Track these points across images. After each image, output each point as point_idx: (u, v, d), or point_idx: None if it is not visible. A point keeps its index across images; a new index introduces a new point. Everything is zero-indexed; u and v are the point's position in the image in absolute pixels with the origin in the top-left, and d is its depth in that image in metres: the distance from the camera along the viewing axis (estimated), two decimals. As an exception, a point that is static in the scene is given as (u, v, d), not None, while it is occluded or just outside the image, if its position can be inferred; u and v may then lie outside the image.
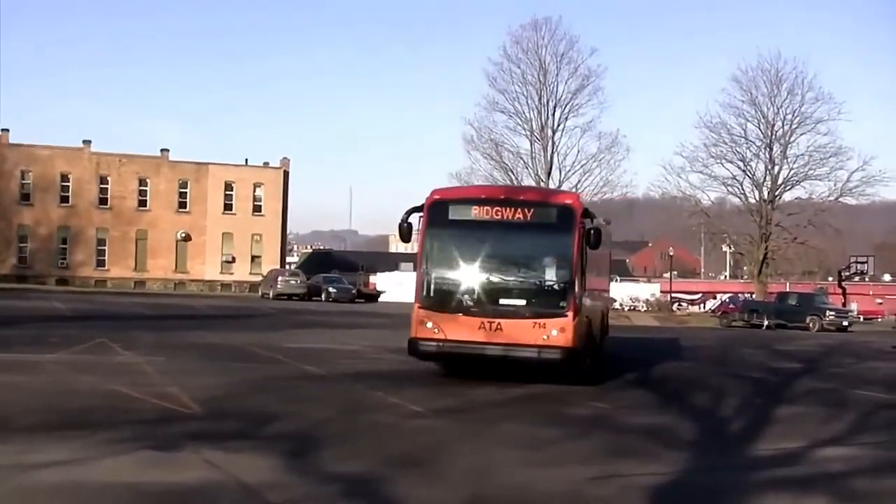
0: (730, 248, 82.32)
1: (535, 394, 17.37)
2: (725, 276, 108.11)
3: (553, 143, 66.03)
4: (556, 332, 17.21)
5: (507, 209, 18.16)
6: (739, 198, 68.35)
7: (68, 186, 75.73)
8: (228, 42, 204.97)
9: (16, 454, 9.98)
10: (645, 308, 68.09)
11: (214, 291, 75.56)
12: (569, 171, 66.21)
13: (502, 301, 17.93)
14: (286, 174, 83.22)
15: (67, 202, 75.66)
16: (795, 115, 64.50)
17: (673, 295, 74.42)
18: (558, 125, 66.20)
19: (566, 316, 17.30)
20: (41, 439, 10.90)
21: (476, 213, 18.35)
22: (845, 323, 53.03)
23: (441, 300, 18.10)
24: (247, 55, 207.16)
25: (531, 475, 10.26)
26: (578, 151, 66.02)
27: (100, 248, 76.48)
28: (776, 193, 65.79)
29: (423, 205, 18.30)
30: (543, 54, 66.11)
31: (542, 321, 17.34)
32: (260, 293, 67.77)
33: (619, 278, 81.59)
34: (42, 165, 74.94)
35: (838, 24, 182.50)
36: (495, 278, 18.21)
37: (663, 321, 57.47)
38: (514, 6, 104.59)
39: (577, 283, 17.64)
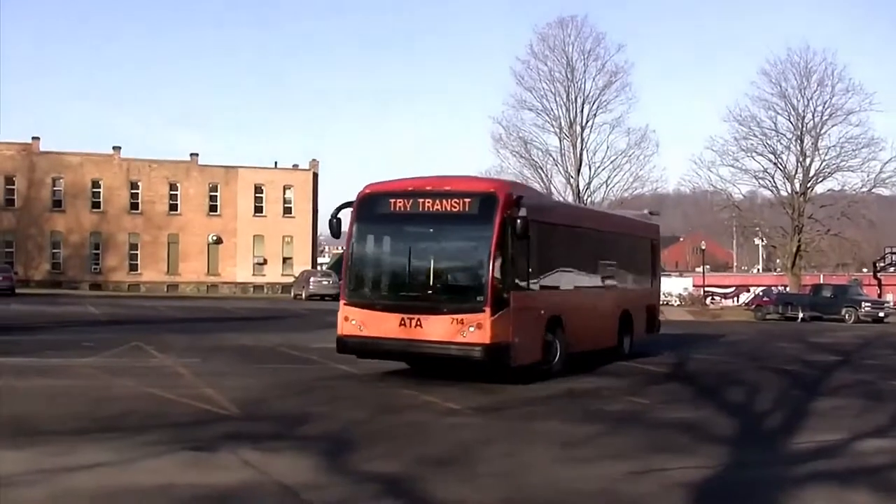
0: (762, 241, 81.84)
1: (571, 390, 17.32)
2: (758, 270, 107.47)
3: (582, 139, 65.83)
4: (474, 328, 16.34)
5: (429, 201, 17.49)
6: (771, 191, 67.88)
7: (99, 192, 76.30)
8: (254, 45, 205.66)
9: (53, 457, 10.01)
10: (678, 302, 67.82)
11: (246, 293, 75.93)
12: (598, 167, 66.00)
13: (422, 297, 17.35)
14: (315, 176, 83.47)
15: (99, 208, 76.22)
16: (826, 106, 63.88)
17: (706, 289, 74.06)
18: (587, 122, 66.00)
19: (483, 311, 16.36)
20: (79, 443, 10.94)
21: (400, 206, 17.76)
22: (881, 314, 52.53)
23: (364, 296, 17.85)
24: (274, 57, 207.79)
25: (567, 472, 10.21)
26: (608, 148, 65.78)
27: (132, 252, 77.01)
28: (808, 185, 65.14)
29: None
30: (570, 51, 66.04)
31: (459, 317, 16.53)
32: (292, 294, 68.05)
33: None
34: (73, 172, 75.51)
35: (868, 16, 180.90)
36: (415, 273, 17.92)
37: (697, 315, 57.20)
38: (540, 4, 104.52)
39: (501, 276, 16.67)
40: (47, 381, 16.50)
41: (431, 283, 17.52)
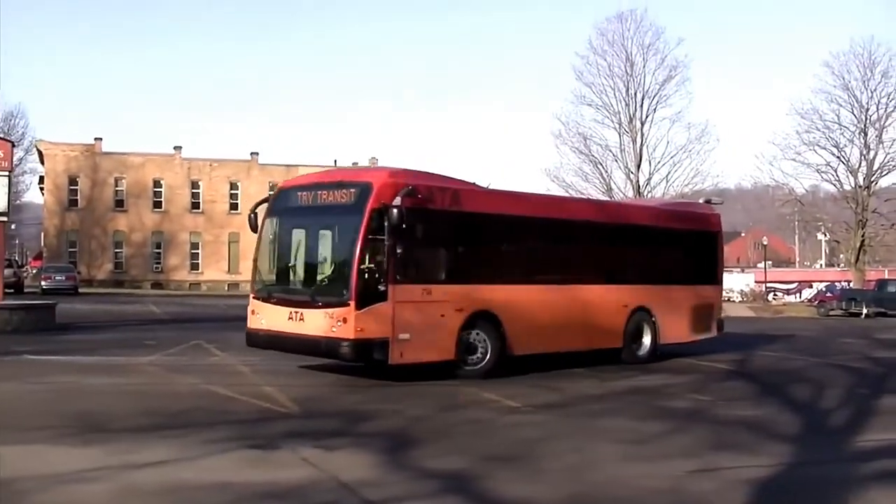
0: (825, 235, 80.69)
1: (635, 387, 17.25)
2: (821, 265, 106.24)
3: (642, 134, 65.42)
4: (341, 323, 15.98)
5: (322, 193, 17.46)
6: (834, 185, 66.87)
7: (161, 192, 77.30)
8: (314, 44, 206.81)
9: (117, 455, 10.10)
10: (740, 299, 67.22)
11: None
12: (658, 162, 65.53)
13: (304, 291, 17.36)
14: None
15: (160, 207, 77.20)
16: (890, 98, 62.87)
17: (768, 285, 73.34)
18: (646, 116, 65.61)
19: (348, 305, 15.97)
20: (141, 440, 11.03)
21: (300, 199, 17.84)
22: (948, 309, 51.60)
23: (264, 290, 17.90)
24: (332, 56, 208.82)
25: (631, 470, 10.11)
26: (668, 143, 65.23)
27: (193, 251, 77.91)
28: (872, 179, 64.11)
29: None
30: (630, 46, 65.75)
31: (330, 311, 16.21)
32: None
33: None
34: (135, 172, 76.54)
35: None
36: (302, 266, 17.91)
37: (758, 312, 56.63)
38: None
39: (373, 269, 16.23)
40: (111, 380, 16.70)
41: (311, 275, 17.56)
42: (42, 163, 78.68)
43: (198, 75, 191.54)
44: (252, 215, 18.44)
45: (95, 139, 76.82)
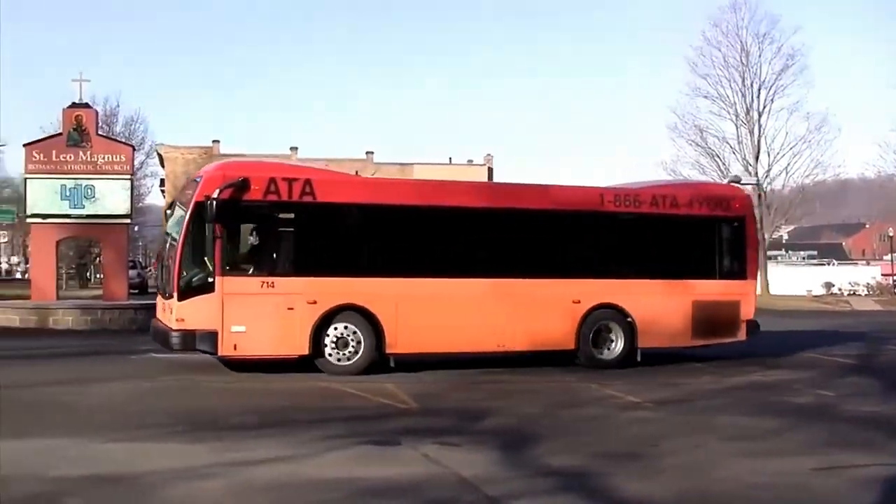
0: (956, 225, 78.18)
1: (755, 382, 17.04)
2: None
3: (759, 126, 64.17)
4: (170, 314, 16.64)
5: (184, 191, 17.85)
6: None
7: (279, 191, 78.33)
8: (427, 43, 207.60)
9: (231, 451, 10.25)
10: (865, 292, 65.56)
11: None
12: (777, 153, 64.21)
13: (162, 284, 18.20)
14: (490, 171, 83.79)
15: (279, 207, 78.26)
16: None
17: (895, 278, 71.28)
18: (763, 107, 64.29)
19: (172, 297, 16.49)
20: (256, 436, 11.20)
21: (178, 196, 18.33)
22: None
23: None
24: (447, 53, 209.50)
25: (751, 467, 9.96)
26: (787, 133, 63.83)
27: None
28: None
29: None
30: (744, 35, 64.52)
31: (167, 303, 17.06)
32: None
33: (835, 262, 78.49)
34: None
35: None
36: (163, 261, 18.39)
37: (885, 305, 55.14)
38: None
39: (197, 260, 16.47)
40: (217, 377, 16.75)
41: (168, 269, 17.44)
42: (162, 166, 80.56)
43: (309, 78, 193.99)
44: None
45: (213, 141, 78.43)
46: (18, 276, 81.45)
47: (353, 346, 17.20)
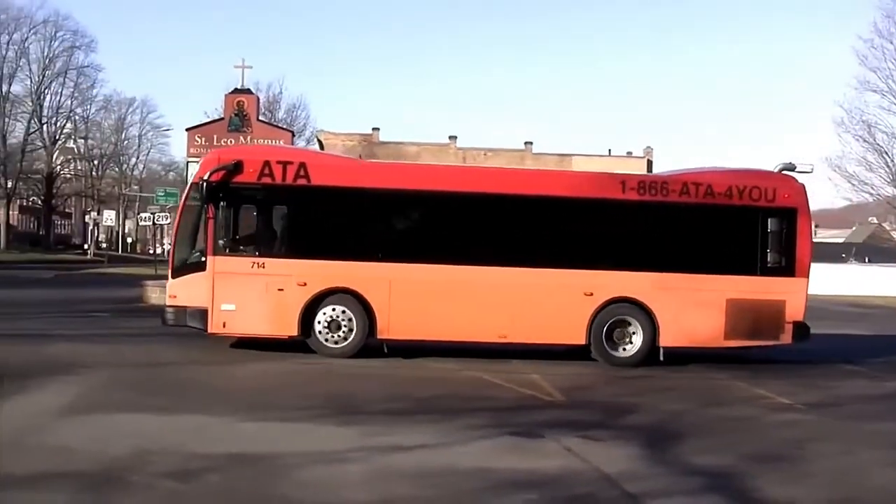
0: None
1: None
2: None
3: (933, 122, 61.50)
4: (166, 291, 17.74)
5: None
6: None
7: (437, 179, 79.06)
8: (592, 39, 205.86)
9: (375, 436, 10.39)
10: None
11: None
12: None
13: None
14: (650, 163, 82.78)
15: (438, 195, 78.97)
16: None
17: None
18: (939, 102, 61.53)
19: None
20: (400, 423, 11.35)
21: None
22: None
23: None
24: (604, 44, 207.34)
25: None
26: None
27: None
28: None
29: None
30: (920, 28, 61.75)
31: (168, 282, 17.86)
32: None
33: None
34: (411, 161, 78.68)
35: None
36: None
37: None
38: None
39: (189, 240, 17.46)
40: (359, 364, 16.58)
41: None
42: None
43: (470, 67, 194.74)
44: None
45: (373, 129, 79.57)
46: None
47: (345, 329, 17.25)
